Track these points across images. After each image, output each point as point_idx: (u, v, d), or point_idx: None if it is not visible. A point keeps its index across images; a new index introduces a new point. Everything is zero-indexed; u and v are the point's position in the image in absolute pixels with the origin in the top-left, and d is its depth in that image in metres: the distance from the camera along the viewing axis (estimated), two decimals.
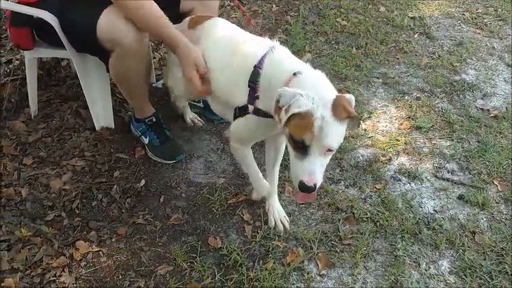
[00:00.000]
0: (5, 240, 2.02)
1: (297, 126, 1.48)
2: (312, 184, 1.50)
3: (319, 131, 1.44)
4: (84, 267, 1.96)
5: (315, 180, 1.50)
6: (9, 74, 2.87)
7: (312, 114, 1.45)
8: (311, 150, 1.48)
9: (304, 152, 1.49)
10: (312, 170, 1.49)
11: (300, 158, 1.51)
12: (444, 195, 2.32)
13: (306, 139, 1.46)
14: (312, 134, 1.45)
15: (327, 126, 1.45)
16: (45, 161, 2.41)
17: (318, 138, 1.45)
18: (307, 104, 1.46)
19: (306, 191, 1.52)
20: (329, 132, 1.45)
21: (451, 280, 1.94)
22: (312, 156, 1.49)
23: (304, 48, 3.43)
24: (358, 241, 2.07)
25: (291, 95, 1.48)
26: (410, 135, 2.68)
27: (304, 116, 1.46)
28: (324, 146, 1.47)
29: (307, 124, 1.45)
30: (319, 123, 1.44)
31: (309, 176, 1.49)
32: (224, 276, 1.92)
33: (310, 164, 1.49)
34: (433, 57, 3.40)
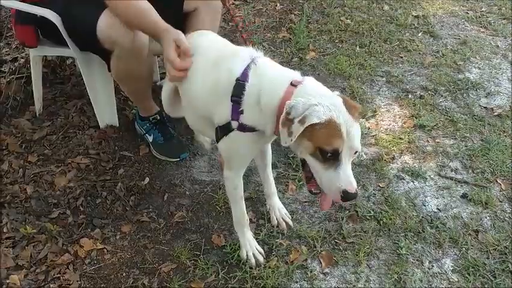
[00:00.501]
0: (10, 238, 2.03)
1: (324, 136, 1.44)
2: (354, 190, 1.49)
3: (347, 135, 1.44)
4: (88, 264, 1.97)
5: (354, 185, 1.49)
6: (15, 72, 2.88)
7: (335, 121, 1.43)
8: (342, 157, 1.46)
9: (335, 160, 1.46)
10: (349, 175, 1.48)
11: (333, 168, 1.47)
12: (447, 194, 2.32)
13: (339, 146, 1.44)
14: (342, 140, 1.43)
15: (352, 129, 1.45)
16: (50, 158, 2.43)
17: (348, 143, 1.45)
18: (326, 112, 1.43)
19: (351, 199, 1.50)
20: (355, 134, 1.46)
21: (454, 279, 1.94)
22: (344, 163, 1.47)
23: (308, 47, 3.43)
24: (362, 239, 2.08)
25: (305, 106, 1.44)
26: (413, 133, 2.68)
27: (327, 124, 1.43)
28: (353, 149, 1.47)
29: (334, 132, 1.43)
30: (346, 128, 1.43)
31: (351, 183, 1.48)
32: (227, 274, 1.93)
33: (346, 171, 1.48)
34: (436, 56, 3.39)
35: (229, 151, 1.77)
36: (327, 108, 1.44)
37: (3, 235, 2.04)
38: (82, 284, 1.90)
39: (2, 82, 2.83)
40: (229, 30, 3.62)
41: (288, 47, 3.44)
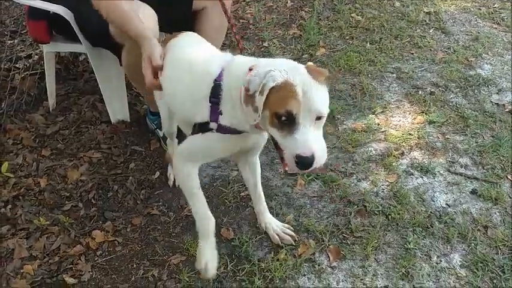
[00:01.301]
0: (24, 229, 2.08)
1: (278, 99, 1.36)
2: (309, 154, 1.33)
3: (303, 96, 1.34)
4: (100, 255, 2.01)
5: (311, 148, 1.34)
6: (29, 69, 2.94)
7: (291, 82, 1.36)
8: (300, 120, 1.35)
9: (292, 126, 1.36)
10: (305, 139, 1.34)
11: (289, 133, 1.36)
12: (457, 190, 2.32)
13: (293, 108, 1.34)
14: (297, 101, 1.34)
15: (310, 90, 1.35)
16: (62, 152, 2.48)
17: (305, 105, 1.34)
18: (282, 75, 1.37)
19: (306, 164, 1.35)
20: (314, 95, 1.35)
21: (462, 273, 1.94)
22: (302, 126, 1.35)
23: (318, 44, 3.44)
24: (370, 234, 2.08)
25: (261, 76, 1.39)
26: (423, 129, 2.67)
27: (282, 87, 1.36)
28: (313, 111, 1.35)
29: (289, 93, 1.35)
30: (302, 88, 1.35)
31: (303, 146, 1.34)
32: (236, 267, 1.95)
33: (303, 134, 1.34)
34: (448, 52, 3.38)
35: (198, 146, 1.67)
36: (283, 72, 1.38)
37: (17, 226, 2.09)
38: (94, 274, 1.93)
39: (16, 78, 2.89)
40: (239, 27, 3.65)
41: (298, 43, 3.45)
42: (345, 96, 2.92)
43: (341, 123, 2.71)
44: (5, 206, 2.17)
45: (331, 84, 1.48)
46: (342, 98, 2.90)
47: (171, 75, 1.79)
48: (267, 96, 1.38)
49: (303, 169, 1.37)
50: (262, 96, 1.37)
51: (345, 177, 2.37)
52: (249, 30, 3.62)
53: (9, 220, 2.12)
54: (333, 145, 2.55)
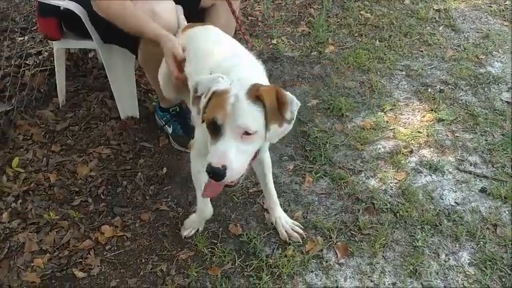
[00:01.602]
0: (34, 223, 2.10)
1: (211, 105, 1.42)
2: (219, 165, 1.35)
3: (231, 109, 1.37)
4: (109, 250, 2.02)
5: (223, 161, 1.36)
6: (39, 65, 2.97)
7: (228, 92, 1.39)
8: (224, 130, 1.38)
9: (218, 134, 1.39)
10: (223, 150, 1.37)
11: (215, 141, 1.40)
12: (466, 188, 2.30)
13: (218, 117, 1.37)
14: (224, 111, 1.37)
15: (239, 105, 1.37)
16: (72, 148, 2.50)
17: (231, 117, 1.37)
18: (225, 84, 1.42)
19: (214, 175, 1.38)
20: (242, 111, 1.37)
21: (470, 272, 1.93)
22: (226, 137, 1.38)
23: (327, 41, 3.43)
24: (378, 231, 2.08)
25: (209, 80, 1.45)
26: (432, 127, 2.66)
27: (220, 94, 1.40)
28: (238, 126, 1.37)
29: (220, 102, 1.38)
30: (232, 101, 1.37)
31: (218, 157, 1.37)
32: (244, 262, 1.96)
33: (220, 145, 1.38)
34: (458, 50, 3.35)
35: (199, 137, 1.75)
36: (228, 80, 1.42)
37: (28, 221, 2.11)
38: (103, 268, 1.95)
39: (26, 75, 2.91)
40: (248, 24, 3.65)
41: (307, 40, 3.45)
42: (354, 94, 2.91)
43: (350, 120, 2.71)
44: (16, 200, 2.20)
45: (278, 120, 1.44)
46: (350, 96, 2.89)
47: (197, 67, 1.83)
48: (208, 101, 1.42)
49: (212, 178, 1.40)
50: (205, 99, 1.43)
51: (353, 175, 2.37)
52: (257, 27, 3.62)
53: (20, 214, 2.14)
54: (341, 142, 2.55)
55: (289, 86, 2.98)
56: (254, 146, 1.45)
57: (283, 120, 1.43)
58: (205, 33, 1.99)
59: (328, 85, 2.99)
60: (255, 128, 1.39)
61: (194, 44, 1.92)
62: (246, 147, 1.42)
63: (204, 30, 2.01)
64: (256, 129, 1.40)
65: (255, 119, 1.39)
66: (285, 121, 1.44)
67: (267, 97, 1.40)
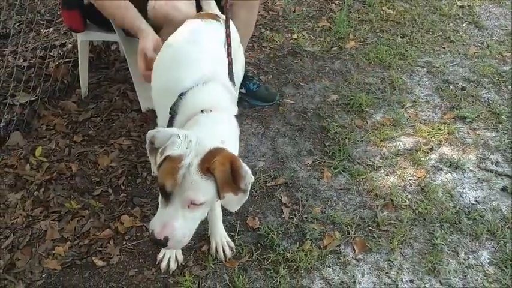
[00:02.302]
0: (56, 212, 2.14)
1: (163, 169, 1.35)
2: (161, 237, 1.35)
3: (182, 179, 1.31)
4: (128, 240, 2.05)
5: (166, 232, 1.34)
6: (63, 57, 3.01)
7: (181, 160, 1.32)
8: (172, 198, 1.34)
9: (167, 199, 1.35)
10: (166, 221, 1.35)
11: (163, 205, 1.38)
12: (487, 186, 2.27)
13: (167, 185, 1.33)
14: (174, 181, 1.31)
15: (189, 177, 1.31)
16: (94, 139, 2.53)
17: (180, 188, 1.32)
18: (182, 146, 1.33)
19: (157, 243, 1.39)
20: (191, 184, 1.31)
21: (490, 271, 1.91)
22: (173, 206, 1.34)
23: (348, 36, 3.41)
24: (396, 228, 2.07)
25: (166, 136, 1.36)
26: (453, 125, 2.63)
27: (173, 160, 1.32)
28: (186, 198, 1.33)
29: (172, 169, 1.32)
30: (184, 172, 1.31)
31: (161, 226, 1.35)
32: (261, 255, 1.97)
33: (167, 214, 1.35)
34: (481, 47, 3.30)
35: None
36: (186, 143, 1.34)
37: (49, 209, 2.15)
38: (122, 258, 1.98)
39: (51, 66, 2.96)
40: (269, 18, 3.64)
41: (327, 36, 3.43)
42: (374, 90, 2.89)
43: (369, 116, 2.69)
44: (38, 189, 2.24)
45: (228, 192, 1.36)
46: (371, 92, 2.87)
47: (162, 60, 1.76)
48: (162, 161, 1.36)
49: (154, 244, 1.41)
50: (161, 157, 1.36)
51: (373, 171, 2.36)
52: (278, 22, 3.62)
53: (42, 203, 2.18)
54: (360, 138, 2.53)
55: (309, 81, 2.97)
56: (202, 213, 1.43)
57: (238, 190, 1.36)
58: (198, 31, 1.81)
59: (348, 81, 2.97)
60: (203, 200, 1.35)
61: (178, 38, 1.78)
62: (194, 214, 1.38)
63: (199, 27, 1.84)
64: (204, 201, 1.36)
65: (204, 192, 1.34)
66: (239, 191, 1.36)
67: (218, 170, 1.32)
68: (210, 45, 1.75)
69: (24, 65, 2.92)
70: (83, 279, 1.90)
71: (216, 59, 1.71)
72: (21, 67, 2.89)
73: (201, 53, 1.69)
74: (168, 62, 1.71)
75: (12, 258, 1.95)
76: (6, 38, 3.13)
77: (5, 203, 2.18)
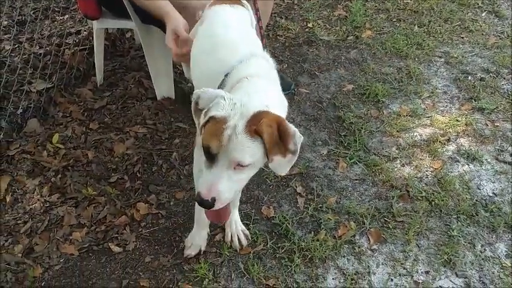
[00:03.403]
0: (73, 198, 2.16)
1: (208, 131, 1.33)
2: (208, 198, 1.33)
3: (228, 141, 1.29)
4: (144, 227, 2.07)
5: (214, 193, 1.33)
6: (78, 44, 3.02)
7: (226, 121, 1.30)
8: (217, 160, 1.32)
9: (212, 161, 1.33)
10: (213, 181, 1.33)
11: (207, 167, 1.35)
12: (505, 179, 2.25)
13: (212, 147, 1.31)
14: (219, 142, 1.29)
15: (235, 138, 1.29)
16: (109, 126, 2.54)
17: (226, 149, 1.30)
18: (227, 108, 1.31)
19: (203, 205, 1.36)
20: (237, 146, 1.29)
21: (507, 264, 1.89)
22: (218, 168, 1.32)
23: (364, 26, 3.37)
24: (412, 219, 2.06)
25: (211, 97, 1.34)
26: (471, 116, 2.59)
27: (218, 121, 1.31)
28: (232, 159, 1.31)
29: (217, 131, 1.30)
30: (229, 133, 1.29)
31: (207, 188, 1.33)
32: (276, 244, 1.97)
33: (213, 175, 1.33)
34: (501, 37, 3.24)
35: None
36: (231, 105, 1.32)
37: (66, 195, 2.17)
38: (138, 244, 2.00)
39: (66, 53, 2.97)
40: (284, 7, 3.61)
41: (343, 25, 3.39)
42: (391, 80, 2.86)
43: (386, 106, 2.67)
44: (56, 175, 2.26)
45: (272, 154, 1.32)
46: (387, 82, 2.84)
47: (201, 47, 1.77)
48: (206, 122, 1.34)
49: (201, 206, 1.36)
50: (203, 120, 1.35)
51: (388, 162, 2.34)
52: (293, 10, 3.58)
53: (59, 189, 2.20)
54: (376, 129, 2.51)
55: (324, 70, 2.95)
56: (248, 175, 1.40)
57: (287, 151, 1.33)
58: (229, 16, 1.84)
59: (364, 70, 2.95)
60: (249, 162, 1.33)
61: (213, 25, 1.80)
62: (239, 176, 1.36)
63: (229, 12, 1.85)
64: (250, 162, 1.33)
65: (251, 154, 1.32)
66: (289, 152, 1.34)
67: (266, 132, 1.30)
68: (242, 26, 1.82)
69: (41, 52, 2.93)
70: (100, 264, 1.93)
71: (250, 38, 1.77)
72: (37, 54, 2.90)
73: (238, 35, 1.73)
74: (208, 48, 1.72)
75: (30, 242, 1.98)
76: (23, 25, 3.15)
77: (23, 188, 2.20)
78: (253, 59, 1.57)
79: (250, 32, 1.83)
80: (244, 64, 1.54)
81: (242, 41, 1.70)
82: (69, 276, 1.89)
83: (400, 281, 1.85)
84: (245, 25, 1.85)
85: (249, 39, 1.75)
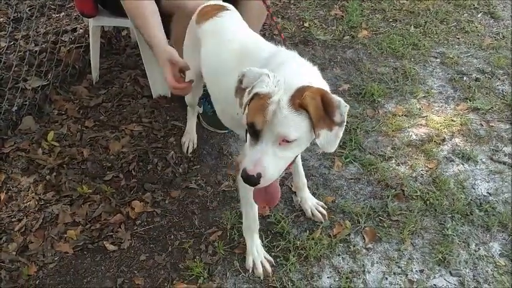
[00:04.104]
0: (68, 196, 2.16)
1: (252, 107, 1.34)
2: (254, 173, 1.31)
3: (272, 116, 1.30)
4: (139, 225, 2.06)
5: (259, 168, 1.31)
6: (74, 42, 3.01)
7: (270, 96, 1.31)
8: (262, 136, 1.32)
9: (256, 138, 1.34)
10: (258, 157, 1.32)
11: (252, 145, 1.36)
12: (499, 179, 2.26)
13: (257, 122, 1.31)
14: (263, 117, 1.30)
15: (280, 112, 1.29)
16: (105, 124, 2.54)
17: (271, 124, 1.30)
18: (271, 85, 1.33)
19: (248, 182, 1.34)
20: (283, 120, 1.29)
21: (501, 263, 1.90)
22: (263, 143, 1.32)
23: (360, 25, 3.38)
24: (407, 218, 2.06)
25: (256, 75, 1.36)
26: (466, 116, 2.60)
27: (262, 97, 1.32)
28: (277, 134, 1.31)
29: (261, 106, 1.31)
30: (274, 108, 1.30)
31: (253, 163, 1.32)
32: (271, 243, 1.97)
33: (258, 151, 1.33)
34: (496, 38, 3.26)
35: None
36: (275, 82, 1.33)
37: (61, 193, 2.17)
38: (133, 242, 1.99)
39: (62, 51, 2.96)
40: (280, 6, 3.62)
41: (339, 24, 3.40)
42: (387, 80, 2.86)
43: (381, 106, 2.67)
44: (50, 173, 2.26)
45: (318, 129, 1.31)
46: (383, 81, 2.85)
47: (215, 63, 1.78)
48: (250, 100, 1.35)
49: (246, 183, 1.35)
50: (247, 98, 1.36)
51: (384, 161, 2.35)
52: (289, 10, 3.59)
53: (54, 187, 2.20)
54: (372, 128, 2.52)
55: (320, 69, 2.93)
56: (294, 152, 1.39)
57: (332, 124, 1.32)
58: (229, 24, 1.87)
59: (360, 70, 2.95)
60: (295, 137, 1.32)
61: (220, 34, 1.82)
62: (284, 153, 1.35)
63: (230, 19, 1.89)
64: (296, 138, 1.32)
65: (296, 128, 1.31)
66: (335, 124, 1.32)
67: (311, 104, 1.30)
68: (243, 30, 1.83)
69: (36, 49, 2.92)
70: (95, 262, 1.92)
71: (256, 36, 1.80)
72: (33, 52, 2.89)
73: (248, 40, 1.75)
74: (229, 65, 1.70)
75: (25, 240, 1.98)
76: (18, 22, 3.14)
77: (18, 186, 2.20)
78: (279, 49, 1.61)
79: (250, 32, 1.84)
80: (275, 55, 1.57)
81: (257, 39, 1.74)
82: (63, 275, 1.88)
83: (395, 280, 1.85)
84: (242, 28, 1.85)
85: (256, 38, 1.78)
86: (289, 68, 1.46)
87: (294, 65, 1.49)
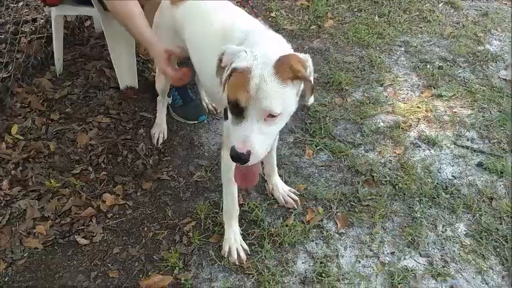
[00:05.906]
0: (35, 190, 2.10)
1: (232, 84, 1.32)
2: (244, 151, 1.30)
3: (256, 90, 1.27)
4: (111, 218, 2.03)
5: (248, 146, 1.30)
6: (35, 32, 2.91)
7: (251, 71, 1.29)
8: (247, 113, 1.30)
9: (240, 116, 1.31)
10: (246, 135, 1.30)
11: (236, 123, 1.33)
12: (463, 162, 2.34)
13: (241, 99, 1.29)
14: (247, 93, 1.28)
15: (265, 86, 1.28)
16: (71, 117, 2.47)
17: (255, 100, 1.28)
18: (249, 59, 1.31)
19: (238, 160, 1.32)
20: (268, 93, 1.28)
21: (467, 242, 1.98)
22: (249, 121, 1.30)
23: (326, 15, 3.41)
24: (377, 203, 2.11)
25: (234, 52, 1.36)
26: (431, 103, 2.68)
27: (242, 73, 1.30)
28: (263, 109, 1.29)
29: (243, 82, 1.28)
30: (257, 82, 1.28)
31: (242, 141, 1.30)
32: (246, 231, 1.98)
33: (244, 129, 1.30)
34: (457, 27, 3.36)
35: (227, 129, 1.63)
36: (253, 56, 1.32)
37: (28, 188, 2.10)
38: (105, 236, 1.96)
39: (23, 42, 2.86)
40: None
41: (306, 14, 3.42)
42: (354, 69, 2.91)
43: (349, 95, 2.72)
44: (16, 168, 2.18)
45: (308, 90, 1.41)
46: (350, 70, 2.89)
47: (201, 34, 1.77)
48: (229, 77, 1.34)
49: (235, 161, 1.34)
50: (225, 74, 1.35)
51: (353, 148, 2.39)
52: (256, 0, 3.58)
53: (20, 182, 2.13)
54: (341, 116, 2.56)
55: None
56: (278, 127, 1.38)
57: (310, 83, 1.39)
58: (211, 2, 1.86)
59: (327, 59, 2.99)
60: (280, 110, 1.31)
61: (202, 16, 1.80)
62: (270, 128, 1.34)
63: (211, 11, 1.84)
64: (281, 111, 1.32)
65: (281, 101, 1.31)
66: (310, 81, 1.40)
67: (301, 69, 1.33)
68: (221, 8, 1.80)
69: None
70: (66, 257, 1.88)
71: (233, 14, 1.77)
72: None
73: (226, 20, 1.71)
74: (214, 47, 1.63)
75: None
76: None
77: None
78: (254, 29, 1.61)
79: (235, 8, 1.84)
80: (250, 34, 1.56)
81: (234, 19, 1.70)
82: (34, 271, 1.84)
83: (367, 263, 1.90)
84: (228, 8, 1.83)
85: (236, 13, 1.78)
86: (265, 42, 1.46)
87: (269, 39, 1.52)
